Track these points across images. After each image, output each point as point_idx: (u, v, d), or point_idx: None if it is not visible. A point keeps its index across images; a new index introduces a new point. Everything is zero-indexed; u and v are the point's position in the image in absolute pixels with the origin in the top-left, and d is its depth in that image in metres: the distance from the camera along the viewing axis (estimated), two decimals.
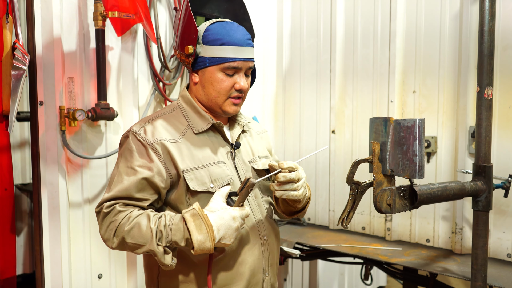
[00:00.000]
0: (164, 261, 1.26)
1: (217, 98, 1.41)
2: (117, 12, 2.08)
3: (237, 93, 1.41)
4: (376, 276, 3.98)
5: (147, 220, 1.28)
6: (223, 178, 1.39)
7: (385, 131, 1.37)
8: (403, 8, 2.43)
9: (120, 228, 1.29)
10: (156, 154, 1.35)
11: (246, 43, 1.40)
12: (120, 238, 1.30)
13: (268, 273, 1.47)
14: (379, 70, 2.52)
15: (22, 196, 3.36)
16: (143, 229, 1.26)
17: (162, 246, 1.25)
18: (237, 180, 1.44)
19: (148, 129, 1.39)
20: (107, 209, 1.33)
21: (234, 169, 1.45)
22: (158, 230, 1.25)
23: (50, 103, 2.07)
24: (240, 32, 1.40)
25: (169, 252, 1.27)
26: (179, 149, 1.37)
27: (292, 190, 1.34)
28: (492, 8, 1.74)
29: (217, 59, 1.37)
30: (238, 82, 1.39)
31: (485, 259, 1.75)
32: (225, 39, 1.37)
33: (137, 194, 1.33)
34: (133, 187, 1.32)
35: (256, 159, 1.52)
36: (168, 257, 1.27)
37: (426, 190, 1.52)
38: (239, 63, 1.38)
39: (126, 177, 1.33)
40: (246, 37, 1.41)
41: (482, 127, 1.76)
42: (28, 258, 3.37)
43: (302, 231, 2.70)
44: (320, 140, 2.78)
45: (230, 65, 1.37)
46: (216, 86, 1.39)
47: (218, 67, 1.38)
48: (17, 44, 1.84)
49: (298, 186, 1.35)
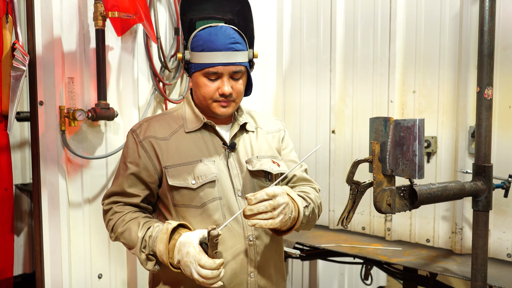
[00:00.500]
0: (146, 266, 1.39)
1: (205, 101, 1.45)
2: (117, 12, 2.08)
3: (222, 98, 1.42)
4: (376, 276, 3.99)
5: (137, 227, 1.40)
6: (207, 175, 1.42)
7: (385, 131, 1.37)
8: (403, 8, 2.43)
9: (116, 228, 1.45)
10: (144, 150, 1.45)
11: (227, 47, 1.38)
12: (115, 236, 1.46)
13: (255, 275, 1.45)
14: (379, 70, 2.52)
15: (22, 196, 3.36)
16: (133, 234, 1.39)
17: (145, 254, 1.37)
18: (226, 178, 1.45)
19: (143, 127, 1.49)
20: (106, 206, 1.49)
21: (226, 168, 1.46)
22: (144, 239, 1.37)
23: (50, 103, 2.07)
24: (223, 37, 1.39)
25: (152, 259, 1.38)
26: (166, 147, 1.45)
27: (267, 219, 1.27)
28: (492, 8, 1.73)
29: (198, 65, 1.41)
30: (221, 87, 1.41)
31: (485, 259, 1.74)
32: (205, 45, 1.39)
33: (129, 189, 1.45)
34: (125, 182, 1.46)
35: (254, 159, 1.50)
36: (150, 264, 1.38)
37: (426, 190, 1.52)
38: (219, 68, 1.39)
39: (122, 172, 1.48)
40: (228, 41, 1.39)
41: (482, 127, 1.76)
42: (28, 258, 3.37)
43: (302, 231, 2.70)
44: (320, 140, 2.78)
45: (209, 70, 1.40)
46: (201, 91, 1.44)
47: (200, 73, 1.42)
48: (16, 44, 1.84)
49: (274, 215, 1.27)
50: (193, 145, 1.46)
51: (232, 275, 1.42)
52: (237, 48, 1.41)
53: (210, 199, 1.42)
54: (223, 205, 1.43)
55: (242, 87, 1.46)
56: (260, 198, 1.26)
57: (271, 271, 1.51)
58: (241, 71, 1.43)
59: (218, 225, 1.41)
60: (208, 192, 1.42)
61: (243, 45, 1.43)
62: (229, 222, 1.38)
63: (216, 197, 1.43)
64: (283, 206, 1.29)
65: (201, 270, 1.26)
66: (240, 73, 1.43)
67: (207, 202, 1.42)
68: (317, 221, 2.79)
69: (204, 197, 1.42)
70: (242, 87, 1.46)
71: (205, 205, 1.42)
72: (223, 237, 1.41)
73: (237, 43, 1.41)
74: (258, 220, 1.27)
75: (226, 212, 1.43)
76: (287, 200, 1.31)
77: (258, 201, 1.26)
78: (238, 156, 1.50)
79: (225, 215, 1.43)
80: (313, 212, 1.48)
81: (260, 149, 1.54)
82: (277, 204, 1.28)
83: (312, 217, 1.49)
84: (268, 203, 1.27)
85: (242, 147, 1.52)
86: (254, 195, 1.27)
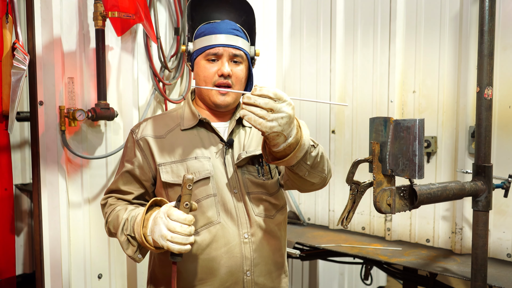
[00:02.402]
0: (126, 251, 1.35)
1: (205, 89, 1.46)
2: (117, 12, 2.08)
3: (221, 79, 1.42)
4: (376, 276, 3.99)
5: (123, 212, 1.40)
6: (201, 172, 1.41)
7: (385, 131, 1.37)
8: (403, 8, 2.43)
9: (108, 219, 1.46)
10: (139, 149, 1.47)
11: (228, 31, 1.43)
12: (107, 228, 1.46)
13: (251, 273, 1.44)
14: (379, 70, 2.53)
15: (22, 196, 3.36)
16: (118, 220, 1.39)
17: (125, 235, 1.34)
18: (221, 175, 1.44)
19: (142, 127, 1.51)
20: (103, 201, 1.52)
21: (223, 165, 1.46)
22: (126, 220, 1.36)
23: (50, 103, 2.07)
24: (225, 24, 1.45)
25: (134, 244, 1.34)
26: (161, 145, 1.46)
27: (260, 116, 1.12)
28: (492, 8, 1.73)
29: (200, 49, 1.45)
30: (220, 68, 1.42)
31: (485, 259, 1.74)
32: (207, 31, 1.44)
33: (123, 187, 1.48)
34: (120, 180, 1.49)
35: (243, 154, 1.46)
36: (131, 249, 1.34)
37: (426, 190, 1.52)
38: (219, 49, 1.42)
39: (119, 171, 1.51)
40: (231, 27, 1.45)
41: (482, 127, 1.76)
42: (28, 258, 3.37)
43: (302, 231, 2.70)
44: (320, 140, 2.78)
45: (210, 51, 1.42)
46: (201, 74, 1.45)
47: (202, 56, 1.44)
48: (16, 44, 1.84)
49: (267, 116, 1.11)
50: (188, 143, 1.46)
51: (227, 274, 1.41)
52: (238, 34, 1.45)
53: (204, 195, 1.41)
54: (217, 202, 1.42)
55: (242, 74, 1.46)
56: (266, 93, 1.12)
57: (271, 268, 1.49)
58: (241, 56, 1.44)
59: (212, 222, 1.41)
60: (202, 189, 1.41)
61: (245, 37, 1.47)
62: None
63: (211, 194, 1.42)
64: (282, 115, 1.12)
65: (169, 222, 1.21)
66: (240, 57, 1.44)
67: (201, 199, 1.41)
68: (317, 221, 2.82)
69: (198, 194, 1.41)
70: (242, 73, 1.45)
71: (198, 202, 1.41)
72: (217, 234, 1.40)
73: (238, 31, 1.46)
74: (249, 112, 1.13)
75: (221, 209, 1.42)
76: (290, 113, 1.14)
77: (261, 93, 1.12)
78: (233, 152, 1.48)
79: (219, 212, 1.42)
80: (321, 158, 1.35)
81: (250, 144, 1.50)
82: (277, 109, 1.12)
83: (320, 164, 1.36)
84: (269, 101, 1.12)
85: (237, 143, 1.50)
86: (261, 87, 1.14)
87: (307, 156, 1.26)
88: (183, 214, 1.22)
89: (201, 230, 1.40)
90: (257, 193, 1.47)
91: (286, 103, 1.14)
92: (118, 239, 1.37)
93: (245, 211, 1.44)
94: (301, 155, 1.22)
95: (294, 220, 2.86)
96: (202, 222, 1.40)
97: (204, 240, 1.40)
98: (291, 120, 1.15)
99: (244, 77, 1.47)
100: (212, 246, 1.40)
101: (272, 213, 1.49)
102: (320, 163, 1.35)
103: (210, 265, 1.40)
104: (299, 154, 1.21)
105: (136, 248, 1.35)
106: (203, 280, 1.41)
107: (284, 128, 1.14)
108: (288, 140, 1.17)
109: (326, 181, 1.45)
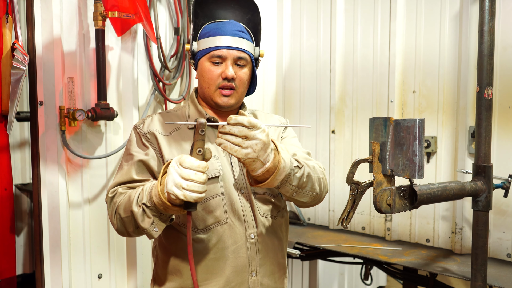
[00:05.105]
0: (141, 223, 1.25)
1: (208, 89, 1.45)
2: (117, 12, 2.08)
3: (225, 82, 1.42)
4: (376, 276, 3.99)
5: (137, 191, 1.30)
6: (210, 171, 1.40)
7: (385, 131, 1.37)
8: (403, 8, 2.43)
9: (117, 207, 1.34)
10: (149, 142, 1.43)
11: (233, 33, 1.42)
12: (118, 215, 1.33)
13: (257, 274, 1.44)
14: (379, 70, 2.52)
15: (22, 196, 3.36)
16: (131, 198, 1.28)
17: (141, 205, 1.25)
18: (229, 175, 1.44)
19: (146, 122, 1.48)
20: (111, 193, 1.39)
21: (229, 165, 1.45)
22: (141, 190, 1.27)
23: (50, 103, 2.07)
24: (230, 25, 1.44)
25: (149, 216, 1.25)
26: (169, 142, 1.44)
27: (236, 144, 1.16)
28: (492, 8, 1.73)
29: (204, 50, 1.43)
30: (224, 71, 1.41)
31: (485, 259, 1.74)
32: (212, 32, 1.43)
33: (137, 176, 1.39)
34: (132, 169, 1.40)
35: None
36: (147, 221, 1.24)
37: (426, 190, 1.52)
38: (223, 51, 1.41)
39: (126, 163, 1.43)
40: (235, 28, 1.44)
41: (482, 127, 1.76)
42: (28, 258, 3.37)
43: (302, 231, 2.70)
44: (320, 140, 2.78)
45: (214, 53, 1.41)
46: (205, 76, 1.44)
47: (206, 58, 1.43)
48: (16, 44, 1.84)
49: (242, 143, 1.16)
50: None
51: (233, 274, 1.40)
52: (243, 36, 1.44)
53: (212, 195, 1.41)
54: (225, 201, 1.41)
55: (246, 77, 1.46)
56: (240, 121, 1.16)
57: (274, 269, 1.49)
58: (246, 59, 1.44)
59: (219, 221, 1.40)
60: (210, 188, 1.40)
61: (249, 38, 1.46)
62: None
63: (219, 193, 1.41)
64: (256, 142, 1.16)
65: (183, 170, 1.13)
66: (244, 60, 1.44)
67: (209, 198, 1.40)
68: (317, 221, 2.82)
69: (206, 193, 1.38)
70: (245, 76, 1.45)
71: (206, 201, 1.40)
72: (224, 234, 1.40)
73: (243, 33, 1.45)
74: (225, 140, 1.16)
75: (228, 209, 1.41)
76: (264, 140, 1.18)
77: (236, 122, 1.16)
78: None
79: (227, 211, 1.41)
80: (308, 178, 1.35)
81: None
82: (251, 136, 1.16)
83: (308, 184, 1.37)
84: (243, 129, 1.16)
85: None
86: (236, 116, 1.17)
87: (291, 178, 1.29)
88: (196, 161, 1.13)
89: (208, 229, 1.39)
90: (262, 193, 1.48)
91: (260, 130, 1.18)
92: (133, 213, 1.26)
93: (251, 211, 1.44)
94: (281, 178, 1.25)
95: (294, 220, 2.86)
96: (210, 222, 1.39)
97: (211, 240, 1.39)
98: (265, 146, 1.19)
99: (247, 79, 1.47)
100: (219, 246, 1.40)
101: (275, 214, 1.50)
102: (307, 183, 1.36)
103: (216, 264, 1.40)
104: (279, 177, 1.25)
105: (152, 220, 1.25)
106: (208, 280, 1.40)
107: (260, 154, 1.18)
108: (266, 165, 1.21)
109: (321, 198, 1.47)
